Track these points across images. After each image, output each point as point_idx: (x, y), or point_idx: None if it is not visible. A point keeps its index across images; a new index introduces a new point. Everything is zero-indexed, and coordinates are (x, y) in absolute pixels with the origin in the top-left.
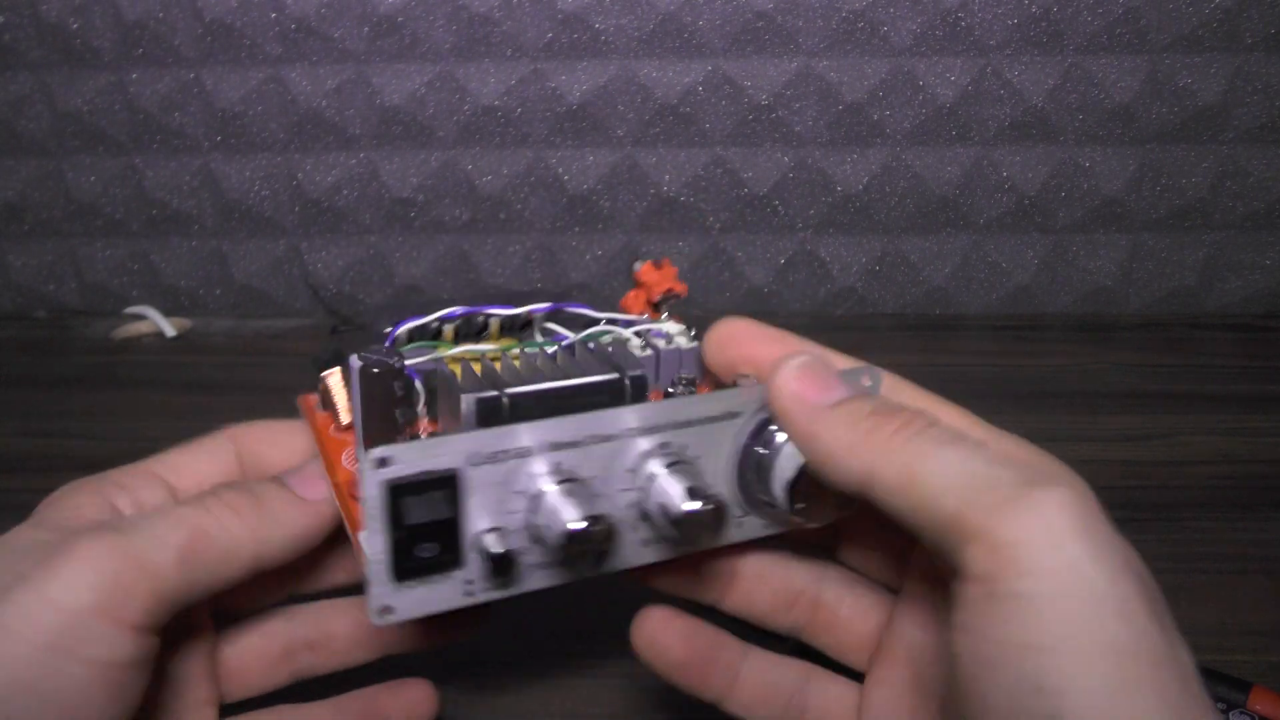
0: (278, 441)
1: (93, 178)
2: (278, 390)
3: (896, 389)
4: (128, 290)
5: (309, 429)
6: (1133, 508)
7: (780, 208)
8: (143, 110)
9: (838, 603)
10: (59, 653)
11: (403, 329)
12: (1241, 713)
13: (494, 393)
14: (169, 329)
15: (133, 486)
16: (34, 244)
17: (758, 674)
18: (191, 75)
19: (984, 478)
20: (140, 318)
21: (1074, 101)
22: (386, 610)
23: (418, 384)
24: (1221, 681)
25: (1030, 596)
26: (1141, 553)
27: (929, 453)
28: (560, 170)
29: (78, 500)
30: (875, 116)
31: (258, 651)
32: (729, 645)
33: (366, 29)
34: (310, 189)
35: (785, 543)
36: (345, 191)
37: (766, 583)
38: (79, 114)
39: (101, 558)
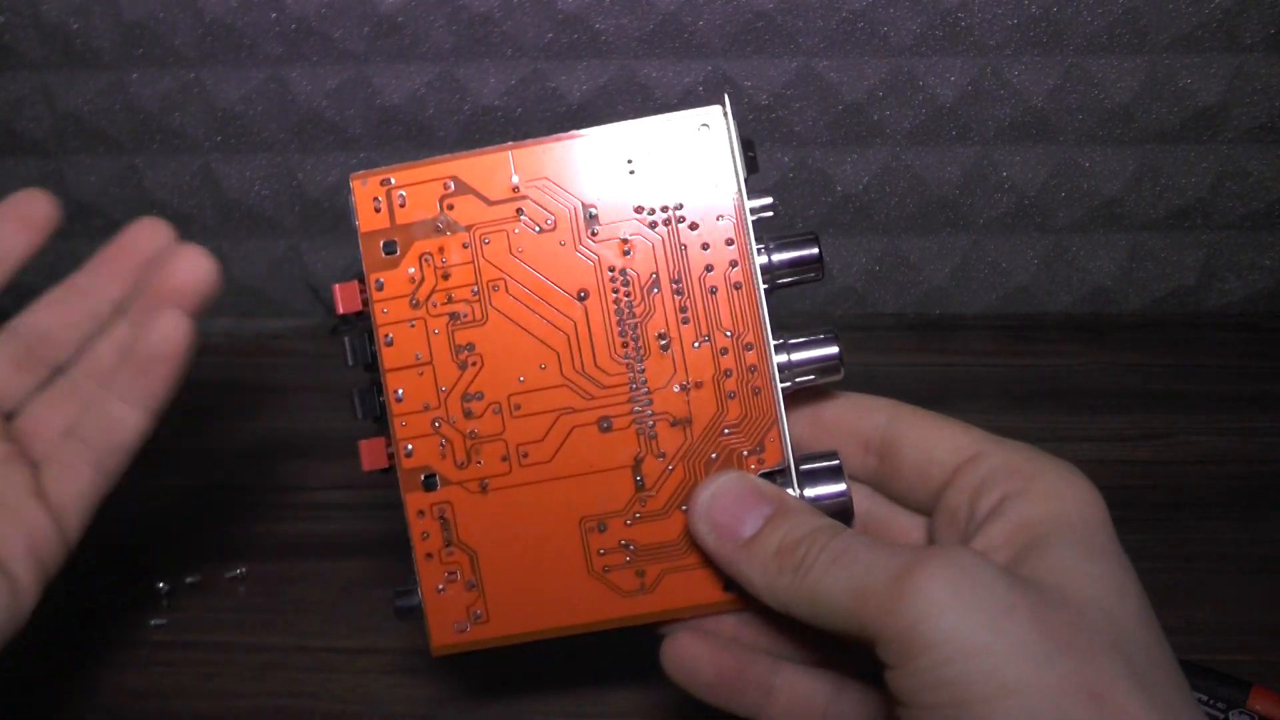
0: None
1: (93, 178)
2: (277, 390)
3: (898, 419)
4: None
5: None
6: (1133, 508)
7: (780, 207)
8: (143, 110)
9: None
10: None
11: None
12: (1241, 713)
13: None
14: None
15: None
16: None
17: (790, 687)
18: (191, 75)
19: (864, 588)
20: None
21: (1074, 101)
22: None
23: None
24: (1221, 681)
25: (928, 669)
26: (1141, 552)
27: (822, 580)
28: None
29: None
30: (875, 116)
31: None
32: (758, 662)
33: (366, 29)
34: (310, 189)
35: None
36: (345, 192)
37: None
38: (79, 114)
39: None
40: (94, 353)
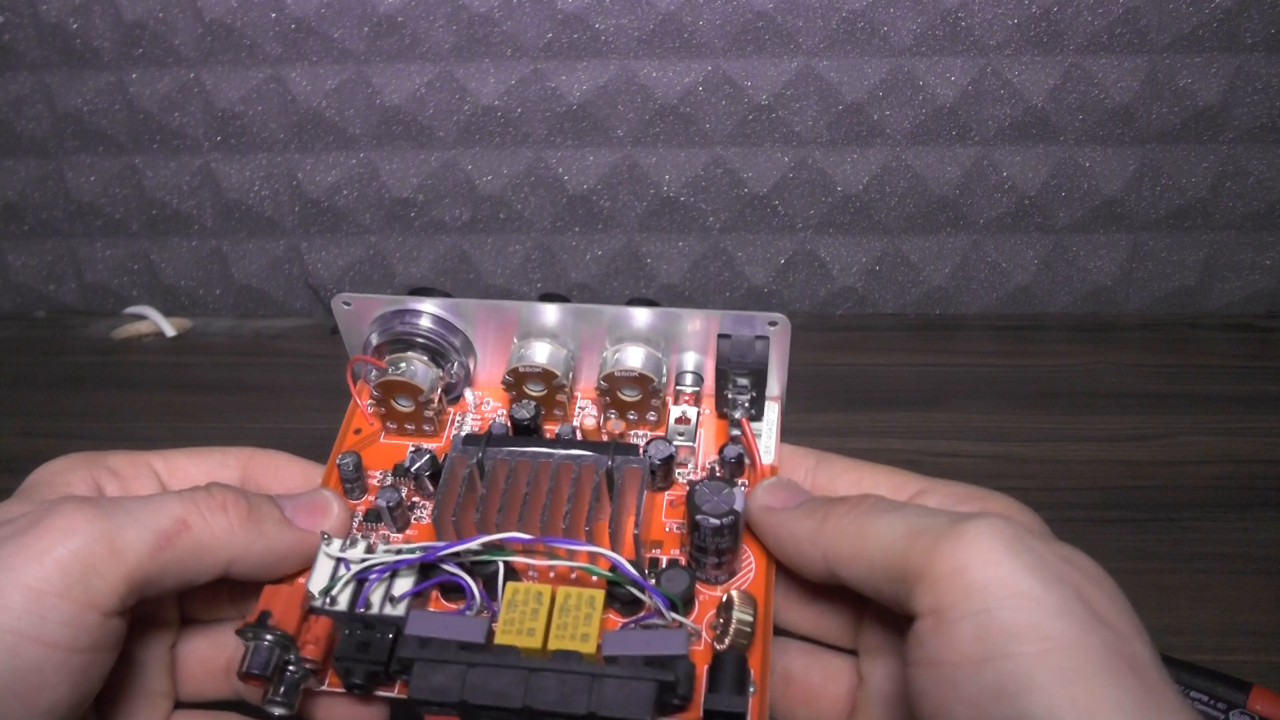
0: (285, 477)
1: (93, 178)
2: (277, 390)
3: (826, 462)
4: (128, 290)
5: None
6: (1133, 508)
7: (780, 208)
8: (143, 110)
9: (807, 673)
10: (21, 635)
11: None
12: (1241, 713)
13: None
14: (169, 329)
15: (126, 474)
16: (34, 244)
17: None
18: (191, 75)
19: (919, 527)
20: (140, 318)
21: (1074, 101)
22: None
23: None
24: (1221, 681)
25: (975, 614)
26: (1142, 552)
27: (872, 521)
28: (560, 170)
29: (67, 476)
30: (875, 116)
31: (205, 660)
32: None
33: (366, 29)
34: (310, 189)
35: None
36: (345, 191)
37: None
38: (79, 114)
39: (75, 534)
40: None
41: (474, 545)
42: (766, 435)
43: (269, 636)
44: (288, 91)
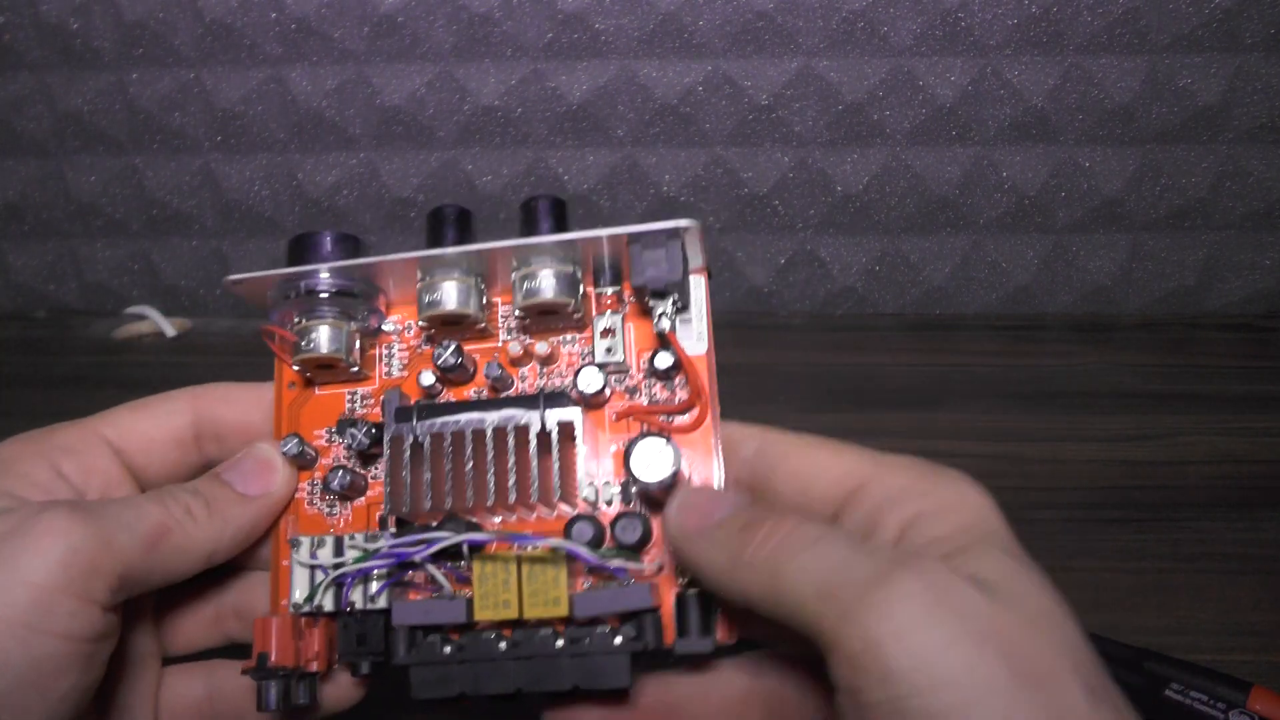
0: (237, 403)
1: (93, 178)
2: None
3: (765, 451)
4: (128, 290)
5: (270, 391)
6: (1133, 508)
7: (780, 208)
8: (143, 110)
9: (782, 689)
10: (32, 629)
11: None
12: (1241, 713)
13: None
14: (169, 329)
15: (79, 450)
16: (34, 244)
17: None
18: (191, 75)
19: (833, 585)
20: (140, 318)
21: (1074, 101)
22: None
23: None
24: (1221, 681)
25: (891, 700)
26: (1141, 552)
27: (789, 562)
28: (560, 170)
29: (22, 466)
30: (875, 116)
31: (194, 613)
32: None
33: (366, 29)
34: (310, 189)
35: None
36: (345, 191)
37: (707, 704)
38: (79, 114)
39: (73, 535)
40: None
41: (435, 548)
42: (697, 320)
43: (275, 674)
44: (288, 91)
